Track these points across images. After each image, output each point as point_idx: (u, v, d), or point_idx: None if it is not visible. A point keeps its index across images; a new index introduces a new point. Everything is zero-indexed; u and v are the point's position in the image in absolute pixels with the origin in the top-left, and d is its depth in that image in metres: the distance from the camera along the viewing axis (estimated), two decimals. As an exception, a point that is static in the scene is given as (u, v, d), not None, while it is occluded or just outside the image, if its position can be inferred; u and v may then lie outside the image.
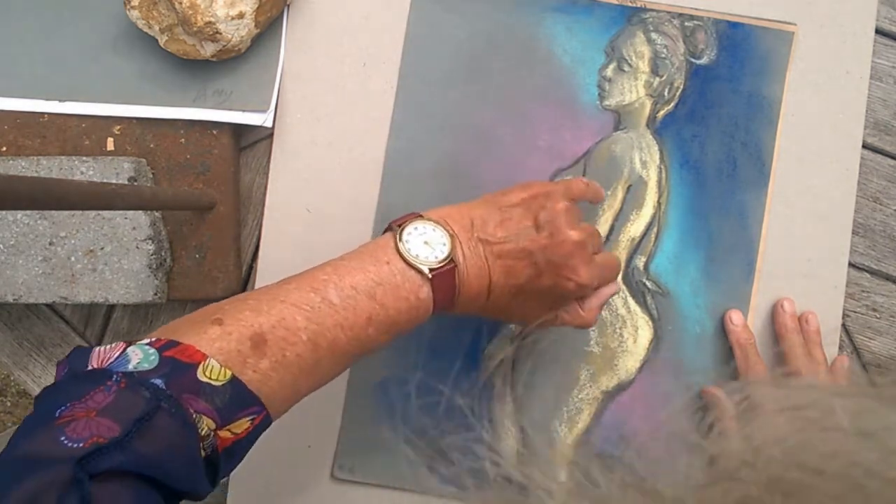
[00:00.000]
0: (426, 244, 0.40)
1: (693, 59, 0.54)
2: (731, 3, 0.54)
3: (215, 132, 0.53)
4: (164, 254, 0.51)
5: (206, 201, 0.52)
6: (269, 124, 0.53)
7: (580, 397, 0.53)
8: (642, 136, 0.54)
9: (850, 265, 0.54)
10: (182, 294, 0.52)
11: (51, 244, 0.49)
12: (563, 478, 0.25)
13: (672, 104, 0.54)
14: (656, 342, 0.53)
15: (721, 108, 0.54)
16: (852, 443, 0.21)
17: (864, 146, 0.54)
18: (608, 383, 0.53)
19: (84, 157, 0.50)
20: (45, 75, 0.53)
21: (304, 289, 0.37)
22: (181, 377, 0.32)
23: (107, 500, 0.28)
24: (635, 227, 0.53)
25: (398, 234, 0.40)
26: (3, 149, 0.53)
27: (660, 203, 0.53)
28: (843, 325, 0.54)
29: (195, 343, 0.33)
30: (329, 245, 0.41)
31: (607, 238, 0.54)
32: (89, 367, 0.33)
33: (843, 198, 0.54)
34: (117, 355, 0.33)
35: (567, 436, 0.53)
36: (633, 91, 0.54)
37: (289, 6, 0.54)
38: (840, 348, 0.54)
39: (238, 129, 0.54)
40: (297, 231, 0.54)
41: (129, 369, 0.32)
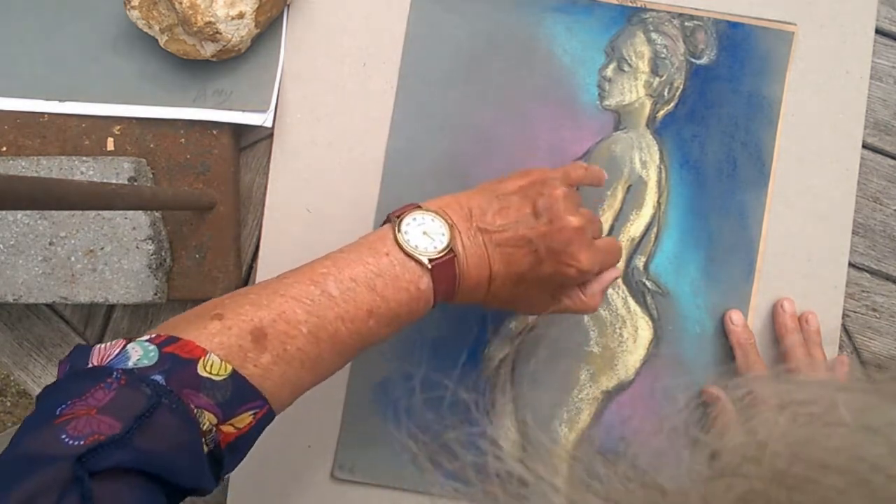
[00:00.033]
0: (425, 234, 0.39)
1: (693, 59, 0.54)
2: (731, 3, 0.54)
3: (215, 132, 0.53)
4: (164, 254, 0.51)
5: (206, 201, 0.52)
6: (269, 124, 0.53)
7: (580, 397, 0.53)
8: (642, 136, 0.54)
9: (850, 265, 0.54)
10: (182, 294, 0.52)
11: (51, 244, 0.49)
12: (565, 474, 0.25)
13: (672, 104, 0.54)
14: (656, 342, 0.53)
15: (721, 108, 0.54)
16: (856, 438, 0.21)
17: (864, 146, 0.54)
18: (608, 383, 0.53)
19: (84, 157, 0.50)
20: (45, 75, 0.53)
21: (304, 282, 0.37)
22: (181, 373, 0.32)
23: (108, 498, 0.28)
24: (635, 227, 0.53)
25: (397, 225, 0.40)
26: (3, 149, 0.53)
27: (660, 203, 0.53)
28: (843, 325, 0.54)
29: (195, 338, 0.33)
30: (329, 245, 0.41)
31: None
32: (90, 365, 0.33)
33: (843, 198, 0.54)
34: (117, 352, 0.33)
35: (567, 436, 0.53)
36: (633, 91, 0.54)
37: (289, 6, 0.54)
38: (840, 348, 0.54)
39: (238, 129, 0.54)
40: (297, 231, 0.54)
41: (130, 366, 0.32)
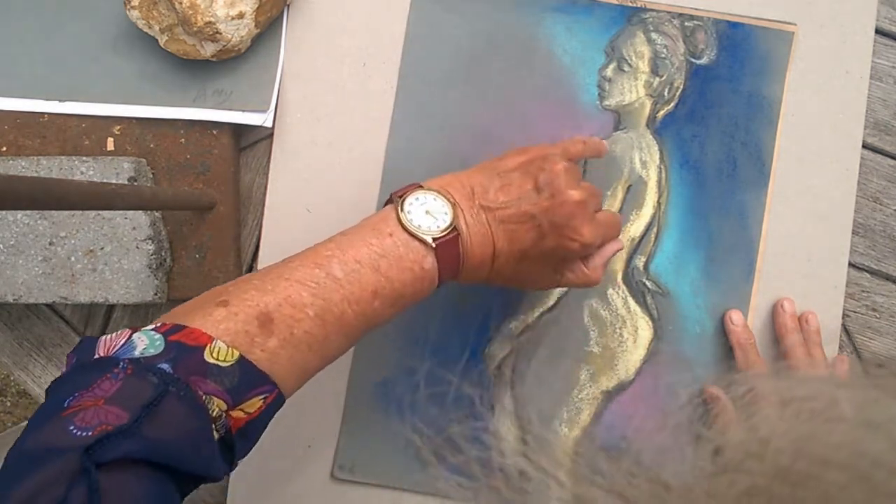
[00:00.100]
0: (428, 214, 0.39)
1: (693, 59, 0.54)
2: (731, 3, 0.54)
3: (215, 132, 0.53)
4: (164, 254, 0.51)
5: (206, 201, 0.52)
6: (269, 124, 0.53)
7: (580, 397, 0.53)
8: (642, 136, 0.54)
9: (850, 265, 0.54)
10: (182, 294, 0.52)
11: (51, 244, 0.49)
12: (568, 468, 0.25)
13: (672, 104, 0.54)
14: (656, 342, 0.53)
15: (721, 108, 0.54)
16: (858, 434, 0.21)
17: (864, 146, 0.54)
18: (608, 383, 0.53)
19: (84, 157, 0.50)
20: (45, 75, 0.53)
21: (308, 265, 0.37)
22: (188, 360, 0.32)
23: (115, 489, 0.27)
24: (635, 228, 0.53)
25: (399, 205, 0.40)
26: (3, 149, 0.53)
27: (660, 203, 0.53)
28: (843, 325, 0.54)
29: (201, 326, 0.33)
30: (329, 245, 0.42)
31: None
32: (96, 356, 0.33)
33: (843, 198, 0.54)
34: (123, 342, 0.33)
35: (567, 435, 0.53)
36: (633, 91, 0.54)
37: (289, 6, 0.54)
38: (840, 348, 0.54)
39: (238, 129, 0.54)
40: (297, 231, 0.54)
41: (136, 355, 0.32)
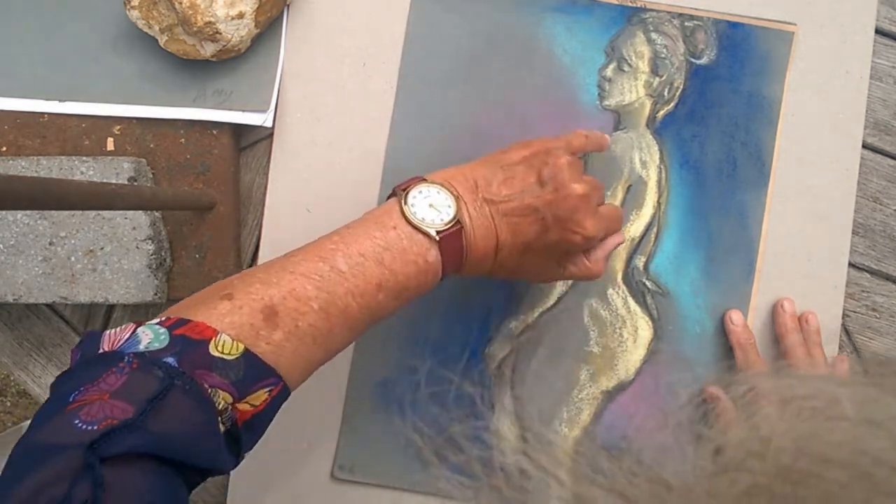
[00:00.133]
0: (431, 207, 0.40)
1: (693, 59, 0.54)
2: (731, 3, 0.54)
3: (215, 132, 0.53)
4: (164, 254, 0.51)
5: (206, 201, 0.52)
6: (269, 124, 0.53)
7: (580, 397, 0.53)
8: (642, 136, 0.54)
9: (850, 265, 0.54)
10: (182, 294, 0.52)
11: (51, 244, 0.49)
12: (569, 467, 0.25)
13: (672, 104, 0.54)
14: (656, 342, 0.53)
15: (721, 108, 0.54)
16: (859, 432, 0.21)
17: (864, 146, 0.54)
18: (608, 383, 0.53)
19: (84, 157, 0.50)
20: (45, 75, 0.53)
21: (312, 259, 0.37)
22: (193, 354, 0.32)
23: (120, 483, 0.27)
24: (635, 227, 0.53)
25: (403, 198, 0.40)
26: (3, 149, 0.53)
27: (660, 203, 0.53)
28: (843, 325, 0.54)
29: (206, 319, 0.33)
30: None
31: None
32: (101, 351, 0.33)
33: (843, 198, 0.54)
34: (128, 336, 0.33)
35: (567, 435, 0.53)
36: (633, 91, 0.54)
37: (289, 6, 0.54)
38: (840, 348, 0.54)
39: (238, 129, 0.54)
40: (297, 231, 0.54)
41: (141, 350, 0.32)
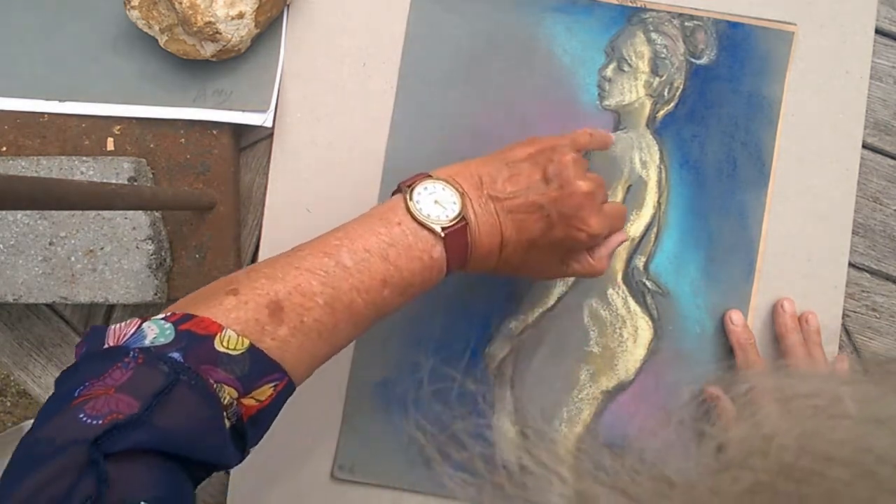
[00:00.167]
0: (436, 203, 0.40)
1: (693, 59, 0.54)
2: (731, 3, 0.54)
3: (215, 132, 0.53)
4: (164, 254, 0.51)
5: (206, 201, 0.52)
6: (269, 124, 0.53)
7: (580, 397, 0.53)
8: (642, 136, 0.54)
9: (850, 265, 0.54)
10: (182, 294, 0.52)
11: (51, 244, 0.49)
12: (571, 464, 0.25)
13: (672, 104, 0.54)
14: (656, 342, 0.53)
15: (721, 108, 0.54)
16: (862, 430, 0.21)
17: (864, 146, 0.54)
18: (608, 383, 0.53)
19: (84, 157, 0.50)
20: (45, 75, 0.53)
21: (318, 254, 0.37)
22: (198, 349, 0.32)
23: (124, 479, 0.27)
24: (635, 227, 0.53)
25: (408, 194, 0.40)
26: (3, 149, 0.53)
27: (660, 203, 0.53)
28: (843, 325, 0.54)
29: (211, 315, 0.33)
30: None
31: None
32: (106, 346, 0.33)
33: (843, 198, 0.54)
34: (133, 332, 0.33)
35: (567, 436, 0.53)
36: (633, 91, 0.54)
37: (289, 6, 0.54)
38: (840, 348, 0.54)
39: (238, 129, 0.54)
40: (297, 231, 0.54)
41: (146, 345, 0.32)
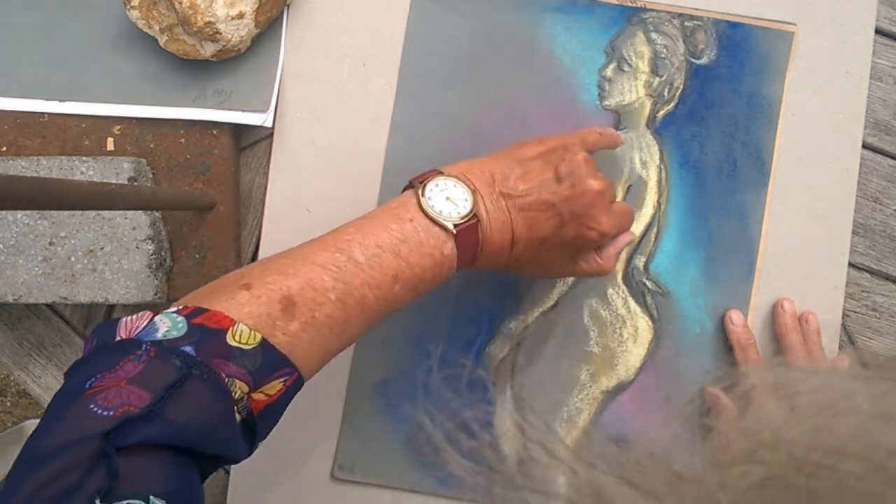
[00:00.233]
0: (448, 200, 0.40)
1: (693, 59, 0.54)
2: (731, 3, 0.54)
3: (215, 132, 0.53)
4: (164, 254, 0.51)
5: (206, 201, 0.52)
6: (269, 124, 0.53)
7: (580, 397, 0.53)
8: (642, 136, 0.54)
9: (850, 265, 0.54)
10: (182, 294, 0.52)
11: (51, 244, 0.49)
12: (575, 457, 0.25)
13: (672, 104, 0.54)
14: (656, 342, 0.53)
15: (721, 108, 0.54)
16: (872, 425, 0.21)
17: (864, 146, 0.54)
18: (608, 383, 0.53)
19: (84, 157, 0.50)
20: (45, 75, 0.53)
21: (330, 249, 0.37)
22: (211, 343, 0.32)
23: (134, 473, 0.27)
24: (635, 227, 0.53)
25: (420, 190, 0.40)
26: (3, 149, 0.53)
27: (660, 203, 0.53)
28: (843, 325, 0.54)
29: (224, 309, 0.34)
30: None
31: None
32: (117, 339, 0.33)
33: (843, 198, 0.54)
34: (145, 324, 0.33)
35: (567, 436, 0.53)
36: (633, 91, 0.54)
37: (289, 6, 0.54)
38: (840, 348, 0.54)
39: (238, 129, 0.54)
40: (297, 231, 0.54)
41: (159, 338, 0.32)
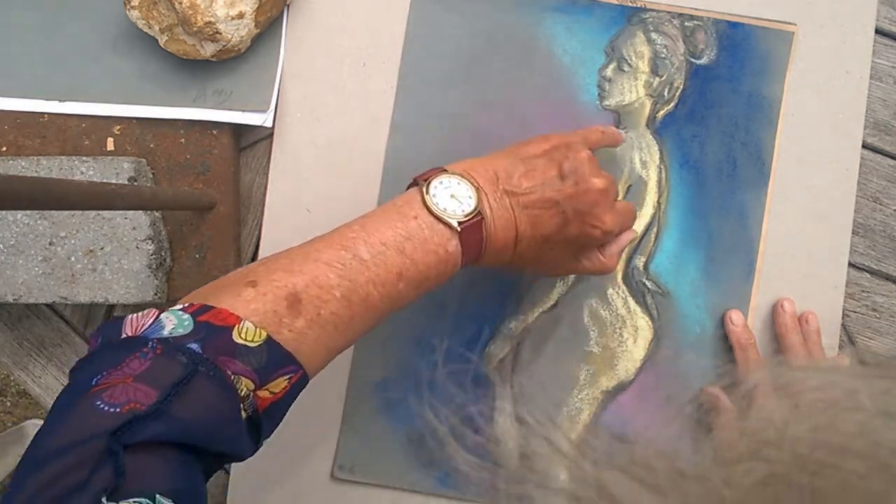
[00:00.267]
0: (452, 197, 0.40)
1: (693, 59, 0.54)
2: (731, 3, 0.54)
3: (215, 132, 0.53)
4: (164, 254, 0.51)
5: (206, 201, 0.52)
6: (269, 124, 0.53)
7: (580, 397, 0.53)
8: (642, 136, 0.54)
9: (850, 265, 0.54)
10: (182, 294, 0.52)
11: (51, 244, 0.49)
12: (578, 453, 0.25)
13: (672, 104, 0.54)
14: (656, 342, 0.53)
15: (721, 108, 0.54)
16: (875, 423, 0.21)
17: (864, 146, 0.54)
18: (608, 383, 0.53)
19: (84, 157, 0.50)
20: (45, 75, 0.53)
21: (335, 247, 0.37)
22: (217, 340, 0.32)
23: (141, 471, 0.28)
24: (635, 227, 0.53)
25: (424, 187, 0.40)
26: (3, 149, 0.53)
27: (660, 203, 0.53)
28: (843, 325, 0.54)
29: (229, 306, 0.34)
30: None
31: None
32: (123, 336, 0.33)
33: (843, 198, 0.54)
34: (151, 322, 0.33)
35: (567, 436, 0.53)
36: (633, 91, 0.54)
37: (289, 6, 0.54)
38: (840, 348, 0.54)
39: (238, 129, 0.54)
40: (297, 231, 0.54)
41: (165, 335, 0.32)
